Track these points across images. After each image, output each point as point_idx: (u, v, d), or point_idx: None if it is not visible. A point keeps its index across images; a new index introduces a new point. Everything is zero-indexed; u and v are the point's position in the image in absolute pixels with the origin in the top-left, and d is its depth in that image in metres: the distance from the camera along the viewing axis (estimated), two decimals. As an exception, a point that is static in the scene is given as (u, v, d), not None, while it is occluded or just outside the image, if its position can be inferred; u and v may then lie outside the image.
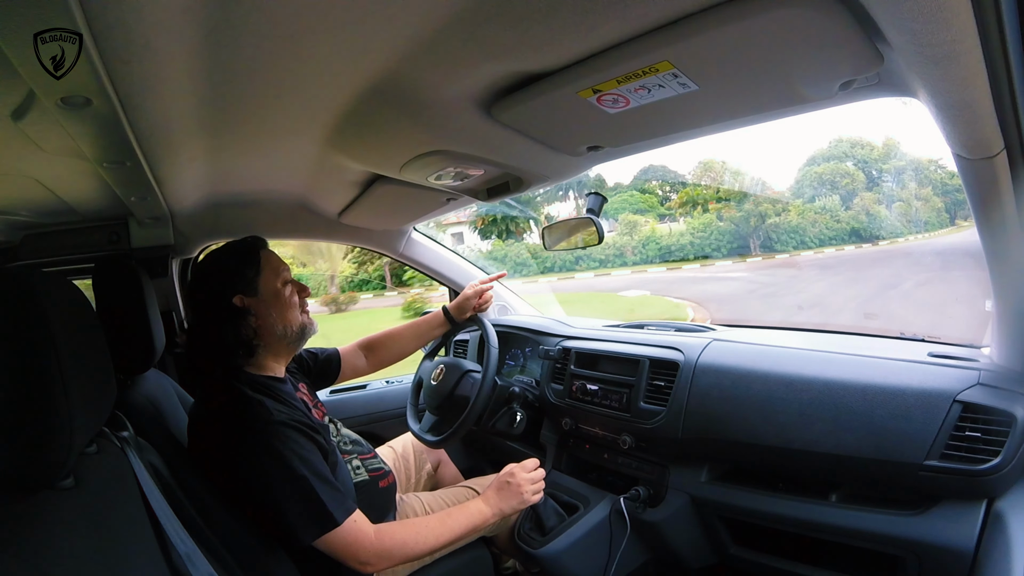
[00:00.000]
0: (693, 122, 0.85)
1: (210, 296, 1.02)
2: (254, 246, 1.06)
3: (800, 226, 13.39)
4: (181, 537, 0.70)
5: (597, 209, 1.36)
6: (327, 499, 0.90)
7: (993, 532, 0.78)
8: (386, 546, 0.95)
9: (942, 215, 12.09)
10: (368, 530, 0.94)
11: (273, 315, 1.03)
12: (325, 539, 0.90)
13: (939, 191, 12.06)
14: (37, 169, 0.89)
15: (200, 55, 0.62)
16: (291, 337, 1.05)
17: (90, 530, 0.56)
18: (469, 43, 0.65)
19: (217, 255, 1.06)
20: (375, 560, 0.94)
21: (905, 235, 12.87)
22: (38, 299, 0.54)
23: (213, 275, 1.03)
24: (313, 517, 0.89)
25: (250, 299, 1.02)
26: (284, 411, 0.96)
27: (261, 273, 1.03)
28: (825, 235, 13.28)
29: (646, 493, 1.19)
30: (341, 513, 0.91)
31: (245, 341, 1.00)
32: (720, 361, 1.13)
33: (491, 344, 1.30)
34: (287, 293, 1.05)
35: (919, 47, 0.51)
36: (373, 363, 1.44)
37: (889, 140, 13.74)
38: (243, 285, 1.01)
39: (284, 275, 1.06)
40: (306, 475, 0.89)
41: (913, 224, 12.83)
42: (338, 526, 0.90)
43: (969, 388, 0.85)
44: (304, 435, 0.94)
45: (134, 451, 0.76)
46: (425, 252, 1.87)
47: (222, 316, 1.00)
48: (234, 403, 0.94)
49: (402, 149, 0.98)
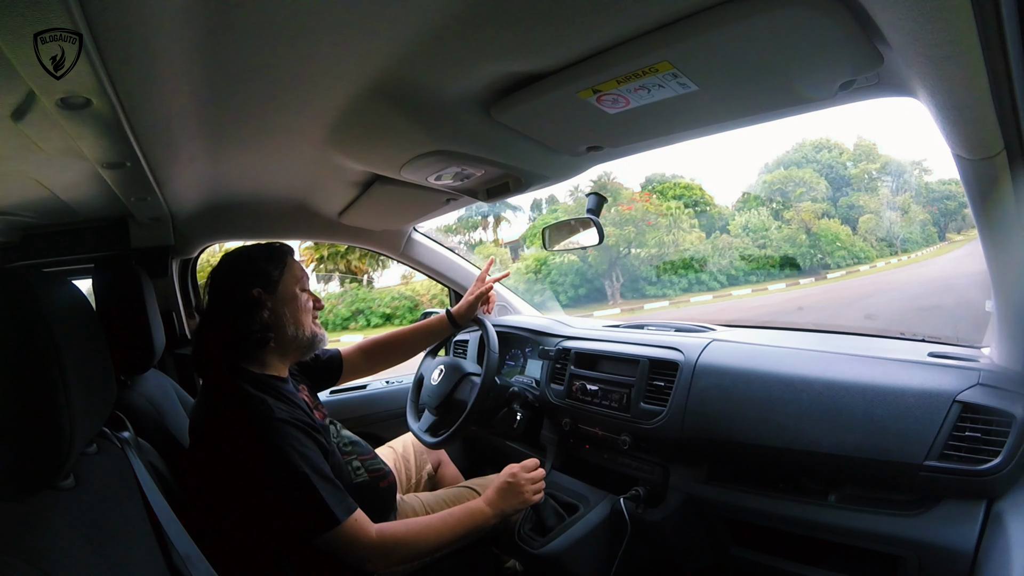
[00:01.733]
0: (693, 122, 0.85)
1: (231, 285, 1.04)
2: (283, 250, 1.10)
3: (696, 258, 8.56)
4: (181, 537, 0.70)
5: (597, 209, 1.36)
6: (328, 497, 0.90)
7: (993, 532, 0.78)
8: (387, 545, 0.95)
9: (928, 230, 8.78)
10: (369, 529, 0.94)
11: (287, 315, 1.05)
12: (326, 537, 0.90)
13: (923, 199, 8.81)
14: (37, 169, 0.89)
15: (200, 55, 0.62)
16: (301, 340, 1.07)
17: (90, 530, 0.56)
18: (469, 43, 0.65)
19: (247, 250, 1.09)
20: (376, 559, 0.94)
21: (873, 259, 8.79)
22: (38, 299, 0.54)
23: (239, 266, 1.06)
24: (314, 515, 0.89)
25: (268, 295, 1.04)
26: (285, 409, 0.96)
27: (284, 275, 1.06)
28: (739, 270, 8.36)
29: (646, 493, 1.19)
30: (342, 511, 0.91)
31: (256, 332, 1.02)
32: (720, 361, 1.13)
33: (491, 349, 1.29)
34: (304, 299, 1.08)
35: (919, 47, 0.51)
36: (374, 365, 1.44)
37: (862, 141, 10.01)
38: (265, 281, 1.04)
39: (304, 283, 1.10)
40: (307, 472, 0.89)
41: (888, 242, 9.00)
42: (339, 524, 0.90)
43: (969, 388, 0.85)
44: (305, 433, 0.95)
45: (134, 451, 0.77)
46: (425, 252, 1.87)
47: (238, 305, 1.02)
48: (235, 399, 0.94)
49: (402, 149, 0.98)
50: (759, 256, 8.45)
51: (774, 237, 8.76)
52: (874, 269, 8.43)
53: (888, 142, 10.98)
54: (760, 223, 8.98)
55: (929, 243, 8.66)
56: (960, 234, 7.88)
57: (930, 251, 8.58)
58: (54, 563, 0.48)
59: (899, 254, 8.73)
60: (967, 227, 7.74)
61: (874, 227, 8.76)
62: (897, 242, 8.73)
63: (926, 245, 8.63)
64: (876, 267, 8.50)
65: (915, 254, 8.63)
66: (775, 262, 8.49)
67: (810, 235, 8.61)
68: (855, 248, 8.63)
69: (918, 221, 8.87)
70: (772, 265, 8.45)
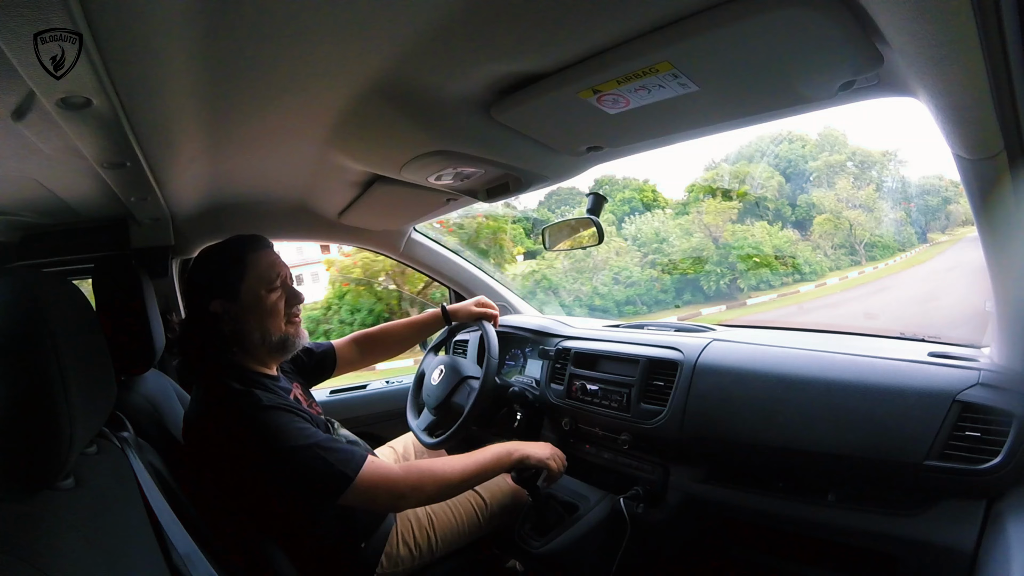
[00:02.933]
0: (693, 122, 0.85)
1: (194, 296, 1.03)
2: (240, 251, 1.03)
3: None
4: (181, 537, 0.70)
5: (597, 209, 1.36)
6: (335, 461, 0.90)
7: (993, 532, 0.78)
8: (414, 476, 0.96)
9: (905, 231, 6.57)
10: (392, 468, 0.96)
11: (251, 322, 1.01)
12: (348, 495, 0.90)
13: (895, 195, 6.68)
14: (37, 169, 0.89)
15: (200, 55, 0.62)
16: (270, 345, 1.03)
17: (90, 530, 0.56)
18: (469, 43, 0.65)
19: (207, 254, 1.05)
20: (409, 492, 0.95)
21: (823, 273, 6.33)
22: (38, 299, 0.54)
23: (198, 276, 1.04)
24: (326, 483, 0.90)
25: (229, 303, 1.00)
26: (274, 398, 0.96)
27: (245, 278, 1.01)
28: (606, 297, 5.84)
29: (646, 493, 1.19)
30: (352, 468, 0.91)
31: (221, 344, 1.01)
32: (720, 361, 1.13)
33: (491, 354, 1.29)
34: (271, 300, 1.02)
35: (919, 47, 0.51)
36: (367, 358, 1.44)
37: (829, 131, 7.33)
38: (223, 289, 1.00)
39: (271, 282, 1.03)
40: (306, 444, 0.90)
41: (849, 248, 6.54)
42: (352, 481, 0.90)
43: (969, 388, 0.85)
44: (295, 415, 0.94)
45: (134, 451, 0.77)
46: (425, 252, 1.87)
47: (199, 318, 1.01)
48: (222, 397, 0.94)
49: (402, 149, 0.98)
50: (640, 278, 6.14)
51: (675, 249, 6.35)
52: (822, 288, 6.16)
53: (860, 132, 7.60)
54: (652, 234, 6.48)
55: (904, 247, 6.57)
56: (945, 234, 6.35)
57: (905, 258, 6.49)
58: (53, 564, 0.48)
59: (862, 264, 6.50)
60: (952, 226, 6.31)
61: (831, 231, 6.63)
62: (860, 248, 6.54)
63: (901, 250, 6.51)
64: (825, 285, 6.22)
65: (886, 263, 6.50)
66: (665, 285, 6.09)
67: (719, 247, 6.05)
68: (797, 261, 6.34)
69: (890, 220, 6.65)
70: (662, 290, 6.06)
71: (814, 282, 6.34)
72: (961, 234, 6.17)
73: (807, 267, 6.44)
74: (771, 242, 6.50)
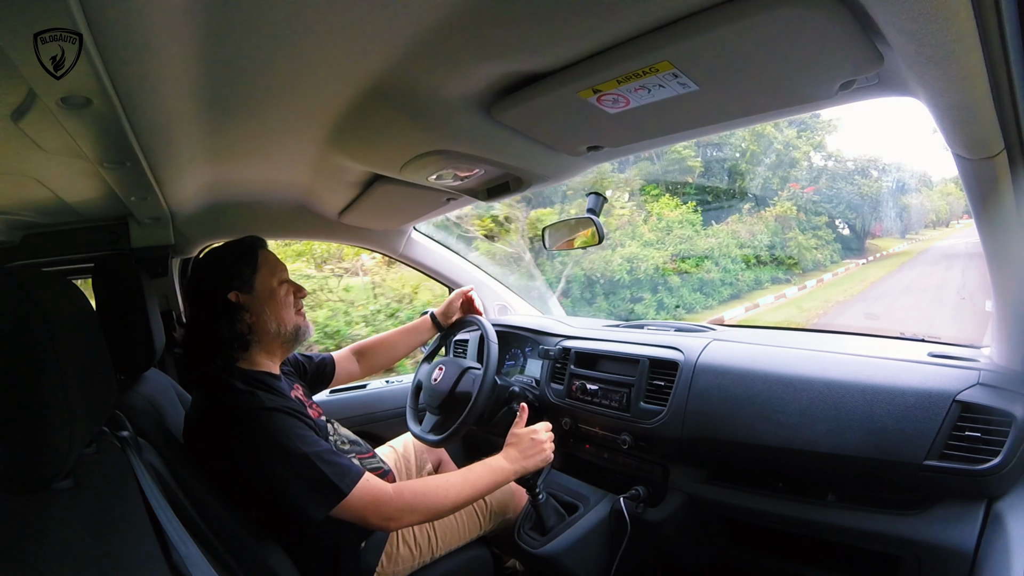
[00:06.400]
0: (693, 122, 0.85)
1: (207, 291, 1.03)
2: (253, 245, 1.08)
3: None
4: (181, 537, 0.70)
5: (597, 209, 1.36)
6: (330, 473, 0.90)
7: (993, 532, 0.78)
8: (406, 500, 0.95)
9: (857, 238, 5.20)
10: (385, 488, 0.95)
11: (267, 312, 1.04)
12: (339, 510, 0.90)
13: (852, 191, 5.32)
14: (37, 169, 0.89)
15: (200, 55, 0.62)
16: (285, 336, 1.07)
17: (90, 531, 0.56)
18: (469, 43, 0.65)
19: (217, 252, 1.08)
20: (398, 515, 0.95)
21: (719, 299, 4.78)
22: (38, 299, 0.54)
23: (211, 271, 1.05)
24: (318, 494, 0.90)
25: (245, 296, 1.03)
26: (276, 400, 0.96)
27: (258, 271, 1.05)
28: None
29: (646, 493, 1.19)
30: (347, 483, 0.91)
31: (239, 336, 1.02)
32: (720, 361, 1.13)
33: (490, 340, 1.30)
34: (282, 293, 1.07)
35: (919, 47, 0.51)
36: (365, 368, 1.46)
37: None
38: (239, 282, 1.03)
39: (281, 275, 1.09)
40: (305, 453, 0.90)
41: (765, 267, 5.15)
42: (345, 496, 0.90)
43: (969, 388, 0.85)
44: (297, 419, 0.95)
45: (134, 451, 0.77)
46: (425, 252, 1.87)
47: (218, 311, 1.02)
48: (225, 396, 0.94)
49: (402, 149, 0.98)
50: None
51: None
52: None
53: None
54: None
55: (855, 250, 5.28)
56: (921, 233, 4.94)
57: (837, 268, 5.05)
58: (53, 564, 0.48)
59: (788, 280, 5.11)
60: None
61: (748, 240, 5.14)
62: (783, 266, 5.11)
63: (830, 263, 5.19)
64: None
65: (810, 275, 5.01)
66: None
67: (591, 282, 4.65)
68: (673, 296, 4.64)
69: (822, 229, 5.18)
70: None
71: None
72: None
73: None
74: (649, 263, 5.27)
